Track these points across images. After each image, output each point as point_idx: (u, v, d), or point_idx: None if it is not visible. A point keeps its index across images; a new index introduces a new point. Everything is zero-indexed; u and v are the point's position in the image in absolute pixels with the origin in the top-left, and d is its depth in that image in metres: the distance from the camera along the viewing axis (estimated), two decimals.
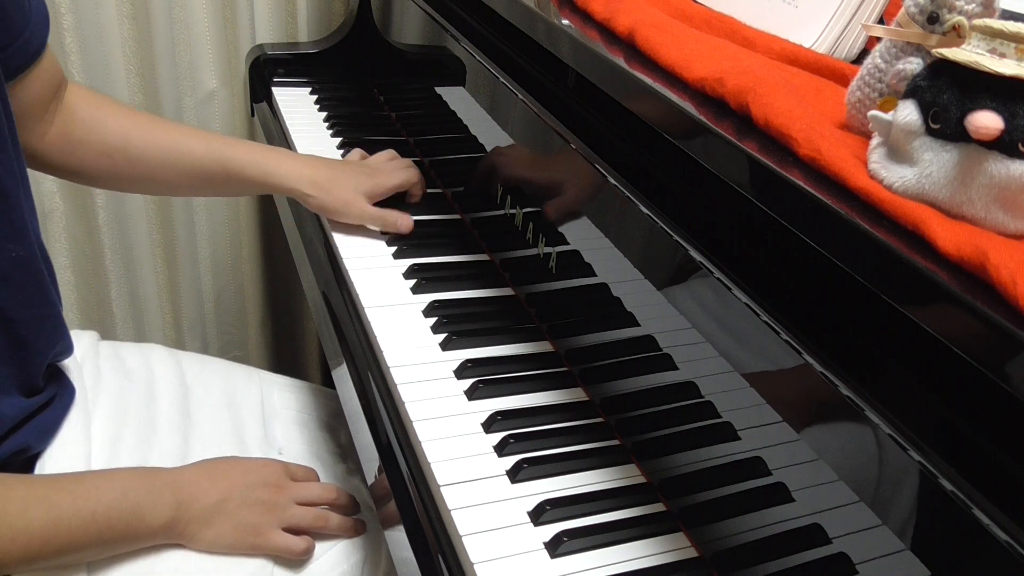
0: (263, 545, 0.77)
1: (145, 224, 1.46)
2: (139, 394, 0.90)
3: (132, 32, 1.32)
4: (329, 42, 1.41)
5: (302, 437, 0.97)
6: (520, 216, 0.90)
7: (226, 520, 0.76)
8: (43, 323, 0.77)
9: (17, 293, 0.73)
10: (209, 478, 0.77)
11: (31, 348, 0.76)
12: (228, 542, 0.76)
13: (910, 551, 0.47)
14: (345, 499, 0.84)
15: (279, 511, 0.78)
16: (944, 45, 0.48)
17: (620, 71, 0.66)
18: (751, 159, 0.53)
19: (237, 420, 0.94)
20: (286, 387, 1.03)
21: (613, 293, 0.75)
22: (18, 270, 0.73)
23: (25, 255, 0.74)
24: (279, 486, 0.80)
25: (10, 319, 0.73)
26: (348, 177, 0.98)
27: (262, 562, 0.77)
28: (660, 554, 0.66)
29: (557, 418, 0.76)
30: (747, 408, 0.60)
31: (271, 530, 0.77)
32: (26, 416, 0.76)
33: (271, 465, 0.82)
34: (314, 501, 0.81)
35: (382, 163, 1.05)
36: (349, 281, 0.92)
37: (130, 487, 0.72)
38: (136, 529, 0.71)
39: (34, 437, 0.77)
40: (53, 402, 0.80)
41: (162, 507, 0.73)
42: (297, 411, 1.01)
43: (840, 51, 0.71)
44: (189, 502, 0.74)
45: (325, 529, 0.81)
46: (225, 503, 0.76)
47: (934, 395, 0.47)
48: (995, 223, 0.44)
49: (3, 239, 0.71)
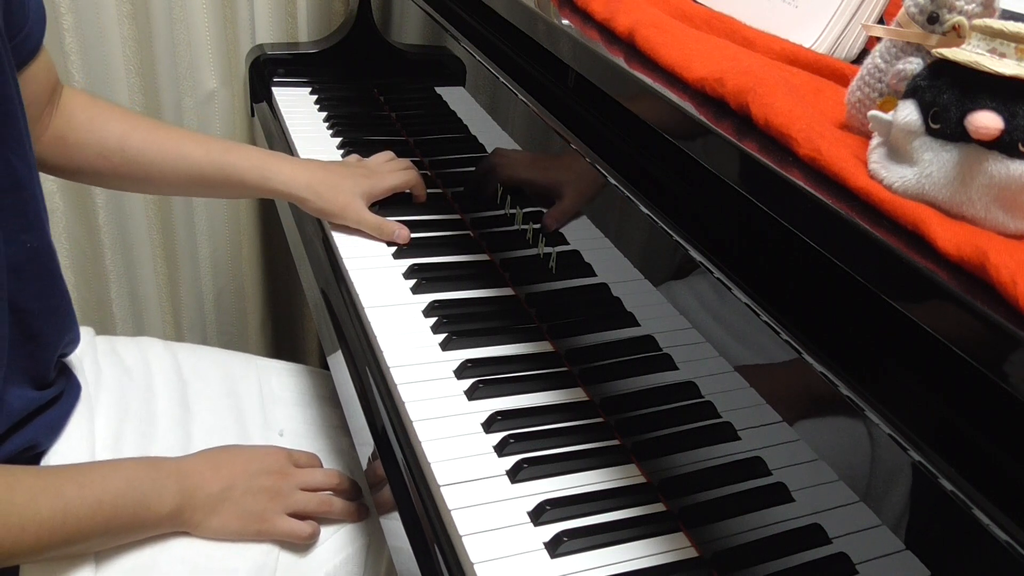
0: (269, 531, 0.78)
1: (145, 224, 1.46)
2: (138, 389, 0.90)
3: (132, 32, 1.32)
4: (329, 42, 1.41)
5: (303, 416, 0.98)
6: (520, 216, 0.90)
7: (231, 508, 0.77)
8: (54, 314, 0.78)
9: (30, 284, 0.74)
10: (213, 467, 0.78)
11: (42, 339, 0.77)
12: (234, 529, 0.77)
13: (910, 551, 0.47)
14: (348, 484, 0.85)
15: (283, 497, 0.79)
16: (944, 45, 0.48)
17: (620, 71, 0.66)
18: (751, 159, 0.53)
19: (237, 407, 0.95)
20: (283, 371, 1.04)
21: (613, 293, 0.75)
22: (32, 261, 0.74)
23: (39, 246, 0.75)
24: (282, 472, 0.81)
25: (23, 310, 0.74)
26: (345, 180, 0.98)
27: (268, 547, 0.78)
28: (660, 554, 0.66)
29: (557, 418, 0.76)
30: (747, 408, 0.60)
31: (276, 516, 0.78)
32: (35, 410, 0.77)
33: (274, 452, 0.83)
34: (317, 487, 0.82)
35: (380, 164, 1.05)
36: (349, 281, 0.92)
37: (135, 476, 0.73)
38: (142, 518, 0.72)
39: (43, 433, 0.78)
40: (61, 398, 0.81)
41: (167, 496, 0.73)
42: (296, 393, 1.01)
43: (840, 51, 0.71)
44: (193, 491, 0.75)
45: (329, 514, 0.82)
46: (230, 491, 0.77)
47: (934, 395, 0.47)
48: (995, 223, 0.44)
49: (18, 230, 0.72)
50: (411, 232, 0.99)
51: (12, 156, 0.70)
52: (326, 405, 1.00)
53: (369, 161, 1.07)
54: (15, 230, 0.72)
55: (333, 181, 0.98)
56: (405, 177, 1.04)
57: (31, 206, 0.73)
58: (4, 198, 0.70)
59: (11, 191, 0.71)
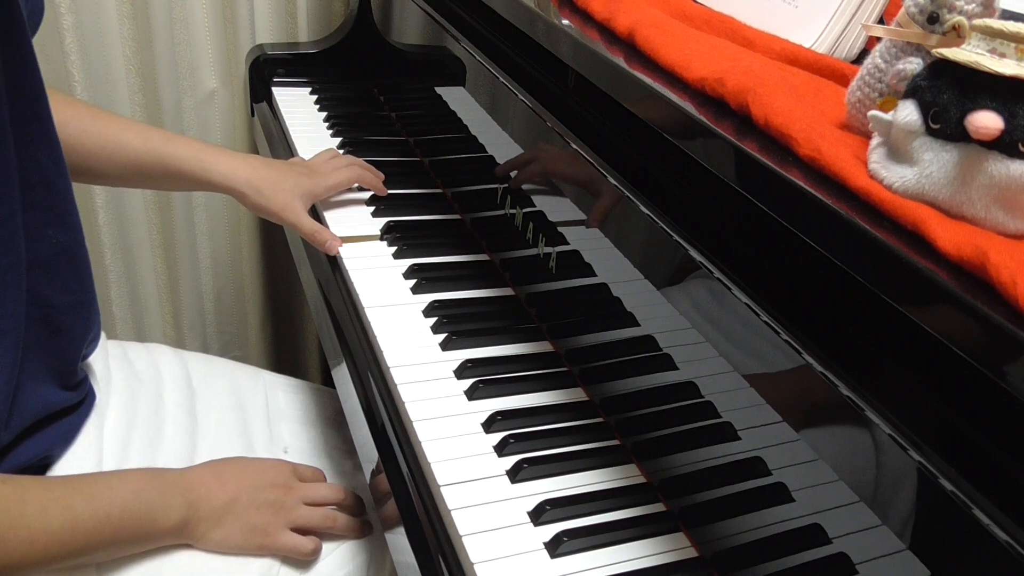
0: (271, 545, 0.77)
1: (145, 224, 1.46)
2: (147, 396, 0.90)
3: (132, 32, 1.32)
4: (329, 42, 1.41)
5: (307, 435, 0.97)
6: (520, 216, 0.90)
7: (235, 521, 0.76)
8: (80, 309, 0.78)
9: (56, 279, 0.74)
10: (218, 479, 0.77)
11: (68, 335, 0.77)
12: (236, 542, 0.76)
13: (910, 551, 0.47)
14: (352, 500, 0.85)
15: (287, 511, 0.78)
16: (944, 45, 0.48)
17: (620, 71, 0.66)
18: (751, 159, 0.53)
19: (243, 421, 0.95)
20: (290, 388, 1.04)
21: (613, 293, 0.75)
22: (58, 256, 0.74)
23: (65, 241, 0.75)
24: (287, 487, 0.80)
25: (49, 305, 0.74)
26: (287, 178, 0.98)
27: (269, 562, 0.78)
28: (660, 554, 0.66)
29: (557, 418, 0.76)
30: (747, 408, 0.60)
31: (279, 530, 0.78)
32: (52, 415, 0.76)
33: (279, 466, 0.82)
34: (321, 501, 0.82)
35: (321, 163, 1.05)
36: (349, 281, 0.92)
37: (142, 488, 0.72)
38: (148, 530, 0.72)
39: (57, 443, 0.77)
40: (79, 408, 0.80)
41: (173, 508, 0.73)
42: (302, 411, 1.01)
43: (840, 51, 0.71)
44: (199, 503, 0.75)
45: (333, 529, 0.81)
46: (234, 504, 0.76)
47: (934, 395, 0.47)
48: (995, 223, 0.44)
49: (45, 225, 0.72)
50: (411, 232, 1.00)
51: (41, 154, 0.71)
52: (331, 426, 1.00)
53: (312, 160, 1.07)
54: (42, 225, 0.72)
55: (274, 178, 0.97)
56: (347, 174, 1.03)
57: (60, 202, 0.74)
58: (33, 194, 0.71)
59: (40, 187, 0.71)
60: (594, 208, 0.77)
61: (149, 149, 0.94)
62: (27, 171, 0.69)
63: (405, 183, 1.09)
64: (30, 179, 0.70)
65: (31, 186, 0.70)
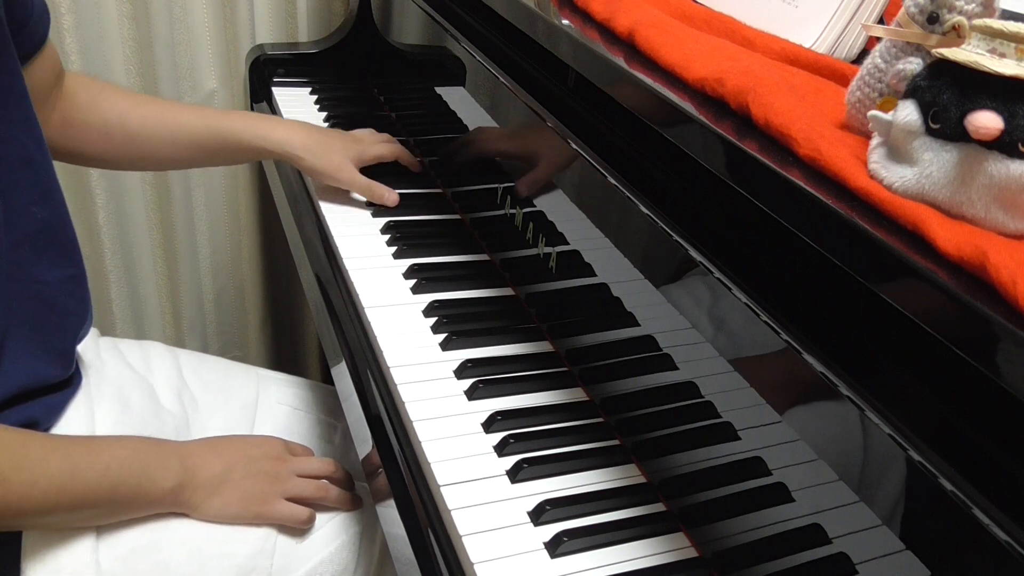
0: (268, 513, 0.79)
1: (145, 224, 1.46)
2: (139, 388, 0.91)
3: (132, 32, 1.32)
4: (329, 42, 1.41)
5: (297, 433, 0.99)
6: (520, 216, 0.90)
7: (232, 489, 0.78)
8: (71, 284, 0.80)
9: (43, 256, 0.76)
10: (214, 450, 0.79)
11: (62, 310, 0.78)
12: (234, 511, 0.78)
13: (910, 551, 0.47)
14: (342, 473, 0.87)
15: (282, 481, 0.81)
16: (944, 45, 0.48)
17: (620, 71, 0.66)
18: (751, 159, 0.53)
19: (233, 416, 0.97)
20: (283, 383, 1.06)
21: (613, 293, 0.75)
22: (43, 232, 0.76)
23: (49, 217, 0.77)
24: (281, 458, 0.83)
25: (40, 281, 0.76)
26: (336, 142, 1.04)
27: (266, 532, 0.79)
28: (660, 554, 0.66)
29: (557, 418, 0.76)
30: (747, 408, 0.60)
31: (275, 499, 0.80)
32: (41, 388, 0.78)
33: (272, 440, 0.85)
34: (313, 474, 0.84)
35: (365, 135, 1.11)
36: (349, 281, 0.92)
37: (140, 449, 0.74)
38: (146, 489, 0.73)
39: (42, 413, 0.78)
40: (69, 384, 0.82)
41: (170, 471, 0.75)
42: (292, 407, 1.03)
43: (840, 51, 0.71)
44: (195, 470, 0.77)
45: (325, 500, 0.83)
46: (230, 473, 0.78)
47: (934, 395, 0.47)
48: (995, 223, 0.44)
49: (28, 203, 0.74)
50: (411, 232, 1.00)
51: (21, 134, 0.73)
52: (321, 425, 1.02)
53: (355, 132, 1.12)
54: (26, 203, 0.74)
55: (327, 142, 1.03)
56: (391, 148, 1.09)
57: (42, 179, 0.76)
58: (15, 172, 0.73)
59: (22, 166, 0.73)
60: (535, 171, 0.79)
61: (208, 126, 0.98)
62: (8, 150, 0.72)
63: (405, 183, 1.09)
64: (10, 158, 0.72)
65: (12, 165, 0.72)
